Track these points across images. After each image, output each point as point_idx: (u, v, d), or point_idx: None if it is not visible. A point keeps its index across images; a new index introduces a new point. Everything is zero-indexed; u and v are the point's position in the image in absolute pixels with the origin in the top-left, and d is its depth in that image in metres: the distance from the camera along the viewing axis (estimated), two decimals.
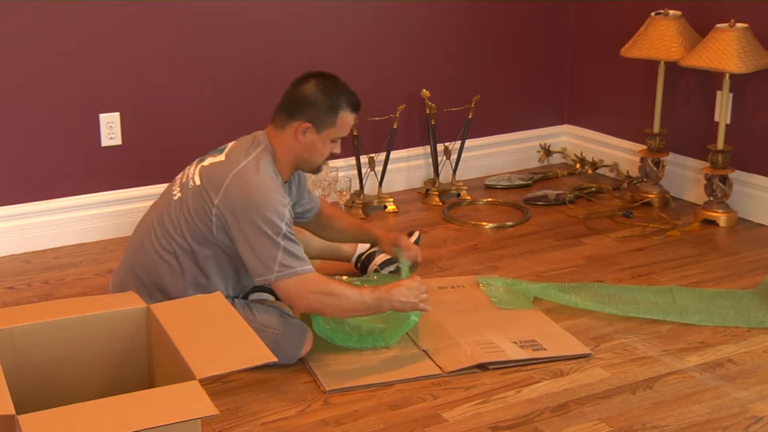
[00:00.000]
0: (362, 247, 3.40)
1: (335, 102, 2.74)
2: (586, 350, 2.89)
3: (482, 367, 2.80)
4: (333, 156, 2.86)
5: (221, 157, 2.79)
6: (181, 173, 2.90)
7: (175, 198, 2.82)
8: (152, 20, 3.73)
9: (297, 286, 2.67)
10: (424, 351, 2.88)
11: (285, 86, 3.99)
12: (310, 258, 3.35)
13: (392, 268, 3.35)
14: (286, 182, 2.84)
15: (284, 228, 2.67)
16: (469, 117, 4.32)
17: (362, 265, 3.39)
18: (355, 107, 2.79)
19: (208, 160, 2.82)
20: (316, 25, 4.05)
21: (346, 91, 2.78)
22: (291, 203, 2.85)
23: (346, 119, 2.77)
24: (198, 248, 2.77)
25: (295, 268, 2.66)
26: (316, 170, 2.88)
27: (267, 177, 2.70)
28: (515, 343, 2.91)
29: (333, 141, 2.79)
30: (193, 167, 2.85)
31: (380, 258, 3.37)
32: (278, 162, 2.77)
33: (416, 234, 3.55)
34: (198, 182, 2.77)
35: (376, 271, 3.36)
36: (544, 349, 2.89)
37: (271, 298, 3.09)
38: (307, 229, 3.18)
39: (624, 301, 3.22)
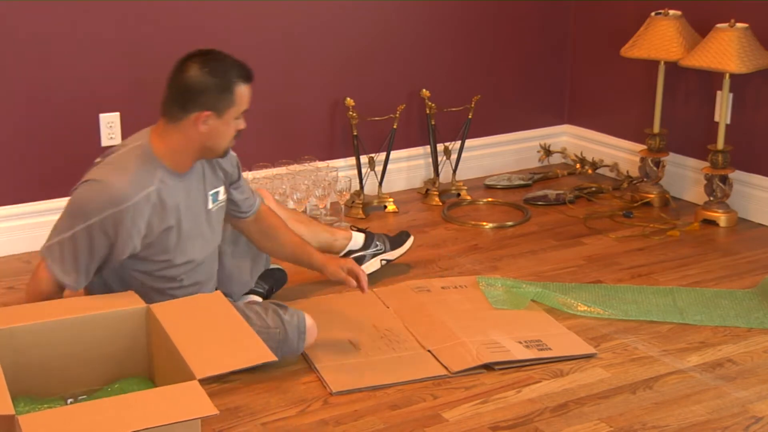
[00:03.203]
0: (355, 244, 3.37)
1: (227, 80, 2.57)
2: (591, 350, 2.89)
3: (488, 367, 2.80)
4: (239, 133, 2.68)
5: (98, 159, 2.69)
6: None
7: None
8: (152, 20, 3.73)
9: (39, 274, 2.60)
10: (429, 351, 2.89)
11: (285, 86, 4.03)
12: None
13: None
14: (186, 172, 2.67)
15: (79, 226, 2.54)
16: (469, 117, 4.32)
17: None
18: (248, 77, 2.61)
19: None
20: (316, 25, 4.05)
21: (234, 64, 2.60)
22: (224, 184, 2.79)
23: (243, 93, 2.60)
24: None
25: (58, 276, 2.57)
26: (224, 153, 2.70)
27: (111, 178, 2.55)
28: (520, 342, 2.91)
29: (236, 118, 2.63)
30: None
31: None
32: (174, 154, 2.61)
33: (410, 240, 3.51)
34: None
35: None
36: (550, 348, 2.89)
37: (259, 299, 3.08)
38: (248, 235, 2.99)
39: (624, 301, 3.22)
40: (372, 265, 3.37)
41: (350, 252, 3.37)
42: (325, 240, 3.31)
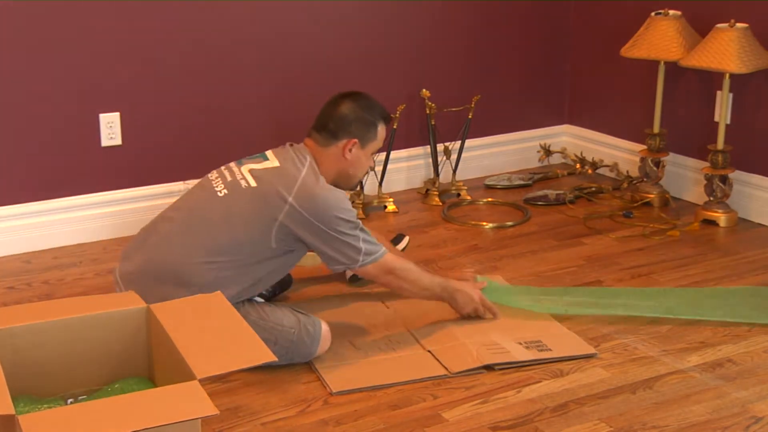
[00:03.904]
0: None
1: (373, 117, 2.96)
2: (592, 350, 2.89)
3: (488, 367, 2.80)
4: (368, 171, 3.06)
5: (273, 163, 2.89)
6: (216, 173, 2.95)
7: (221, 195, 2.87)
8: (152, 20, 3.73)
9: (377, 269, 2.87)
10: (429, 351, 2.89)
11: (283, 86, 4.03)
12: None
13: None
14: None
15: (357, 220, 2.84)
16: (469, 117, 4.32)
17: None
18: (388, 120, 3.03)
19: (255, 164, 2.90)
20: (315, 26, 4.05)
21: (379, 106, 3.00)
22: None
23: (383, 132, 3.00)
24: (240, 250, 2.81)
25: (375, 254, 2.85)
26: (355, 186, 3.04)
27: (326, 183, 2.88)
28: (520, 344, 2.91)
29: (372, 154, 3.01)
30: (235, 168, 2.92)
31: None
32: (323, 174, 2.91)
33: (405, 240, 3.54)
34: (254, 184, 2.84)
35: (351, 279, 3.35)
36: (550, 349, 2.88)
37: (261, 300, 3.08)
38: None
39: (626, 300, 3.21)
40: None
41: None
42: None
